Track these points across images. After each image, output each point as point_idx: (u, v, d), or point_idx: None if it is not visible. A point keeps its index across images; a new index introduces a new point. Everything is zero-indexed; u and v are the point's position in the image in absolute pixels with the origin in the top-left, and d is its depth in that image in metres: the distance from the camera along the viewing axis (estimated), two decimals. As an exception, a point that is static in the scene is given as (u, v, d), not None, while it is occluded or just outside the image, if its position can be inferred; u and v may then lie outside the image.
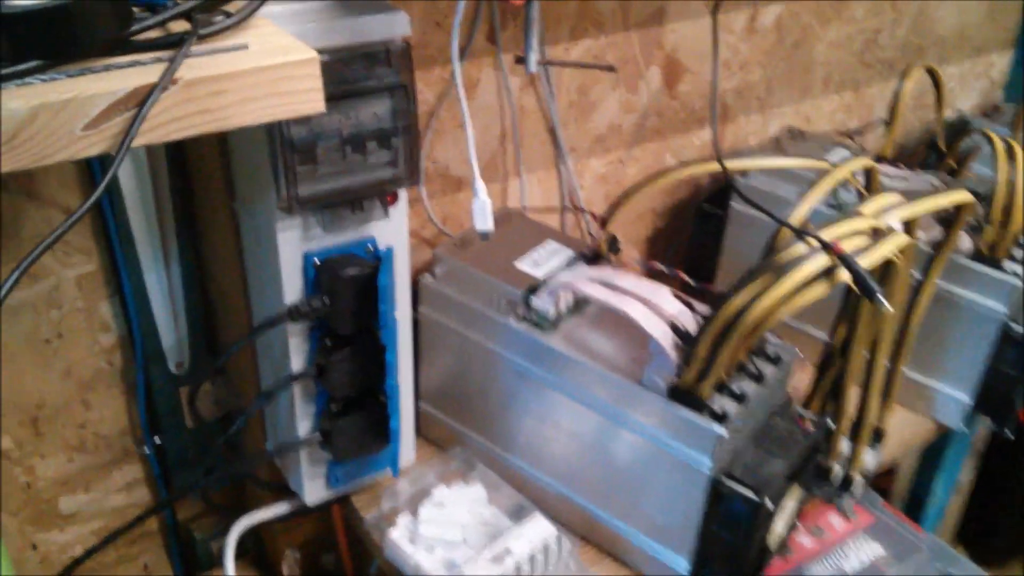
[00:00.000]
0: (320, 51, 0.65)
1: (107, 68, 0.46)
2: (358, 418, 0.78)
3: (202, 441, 0.94)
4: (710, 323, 0.71)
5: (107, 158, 0.81)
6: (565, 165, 1.12)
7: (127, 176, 0.81)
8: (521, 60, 0.67)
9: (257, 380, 0.85)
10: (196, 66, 0.47)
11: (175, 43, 0.48)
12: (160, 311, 0.87)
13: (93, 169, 0.80)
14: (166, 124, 0.47)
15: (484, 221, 0.67)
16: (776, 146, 1.22)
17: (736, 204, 1.12)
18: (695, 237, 1.22)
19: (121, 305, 0.86)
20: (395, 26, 0.68)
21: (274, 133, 0.66)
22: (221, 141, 0.75)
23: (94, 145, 0.45)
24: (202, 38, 0.50)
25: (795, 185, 1.08)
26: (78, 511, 0.93)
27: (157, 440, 0.92)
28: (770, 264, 0.70)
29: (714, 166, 0.82)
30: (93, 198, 0.46)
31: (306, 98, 0.51)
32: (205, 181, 0.82)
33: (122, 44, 0.48)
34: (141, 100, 0.45)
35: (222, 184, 0.77)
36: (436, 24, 0.93)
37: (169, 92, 0.46)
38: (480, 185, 0.66)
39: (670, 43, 1.14)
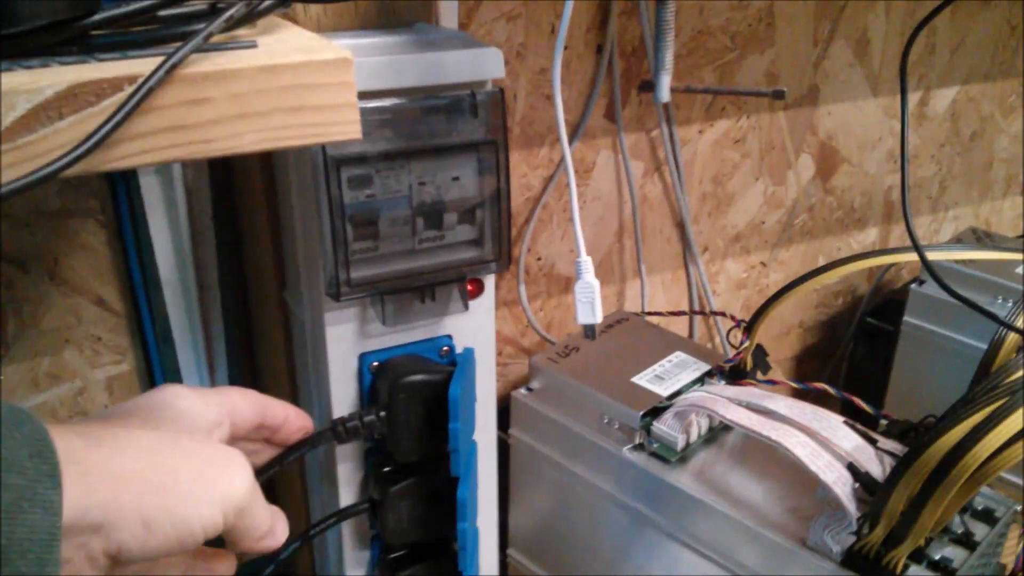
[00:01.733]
0: (387, 93, 0.52)
1: (45, 63, 0.32)
2: (423, 572, 0.60)
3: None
4: (911, 464, 0.51)
5: (144, 245, 0.71)
6: (696, 266, 0.94)
7: (167, 262, 0.68)
8: (648, 87, 0.49)
9: (308, 518, 0.68)
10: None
11: (156, 38, 0.34)
12: (202, 425, 0.72)
13: (129, 254, 0.68)
14: (118, 144, 0.32)
15: (590, 311, 0.49)
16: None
17: (912, 318, 0.91)
18: (855, 359, 1.01)
19: (157, 416, 0.72)
20: (485, 65, 0.54)
21: (322, 197, 0.51)
22: (273, 213, 0.61)
23: (10, 167, 0.31)
24: (196, 34, 0.35)
25: (987, 295, 0.87)
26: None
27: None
28: (998, 384, 0.50)
29: (903, 257, 0.62)
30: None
31: (333, 119, 0.36)
32: (257, 269, 0.68)
33: (85, 35, 0.34)
34: (80, 104, 0.31)
35: (273, 270, 0.63)
36: (545, 97, 0.79)
37: (124, 94, 0.32)
38: (586, 261, 0.49)
39: (825, 128, 0.97)
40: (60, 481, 0.29)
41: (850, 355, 1.01)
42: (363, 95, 0.50)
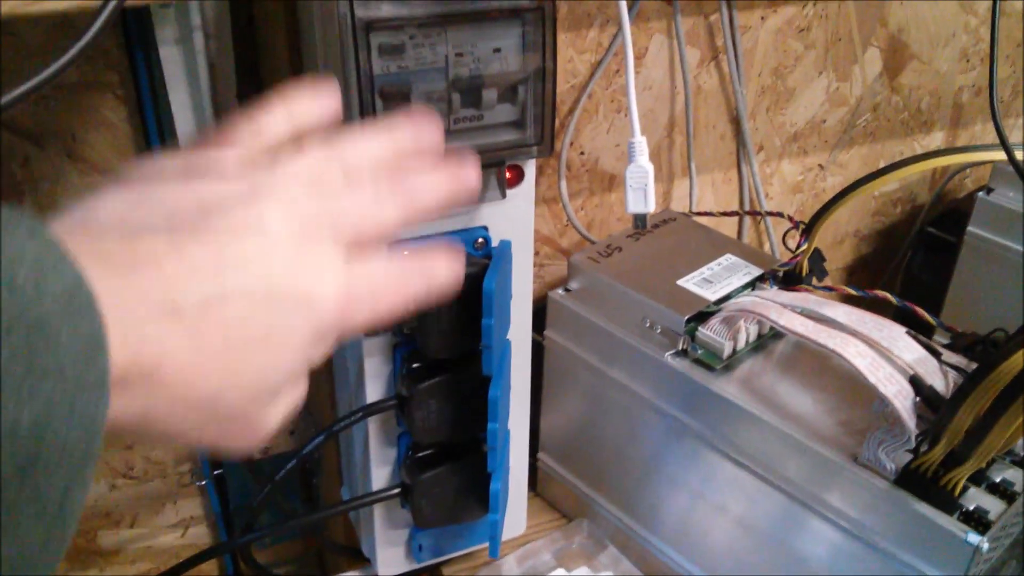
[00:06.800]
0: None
1: None
2: (450, 472, 0.58)
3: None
4: (982, 380, 0.46)
5: (166, 122, 0.67)
6: (749, 167, 0.89)
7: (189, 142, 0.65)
8: None
9: (335, 412, 0.66)
10: None
11: None
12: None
13: (150, 132, 0.64)
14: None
15: (642, 199, 0.45)
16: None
17: (977, 228, 0.85)
18: (911, 271, 0.95)
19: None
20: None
21: (349, 66, 0.46)
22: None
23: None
24: None
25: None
26: (121, 548, 0.77)
27: (217, 471, 0.74)
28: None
29: (986, 156, 0.56)
30: None
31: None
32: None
33: None
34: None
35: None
36: (596, -29, 0.73)
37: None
38: (640, 142, 0.44)
39: (896, 20, 0.89)
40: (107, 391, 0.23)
41: (907, 267, 0.96)
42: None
